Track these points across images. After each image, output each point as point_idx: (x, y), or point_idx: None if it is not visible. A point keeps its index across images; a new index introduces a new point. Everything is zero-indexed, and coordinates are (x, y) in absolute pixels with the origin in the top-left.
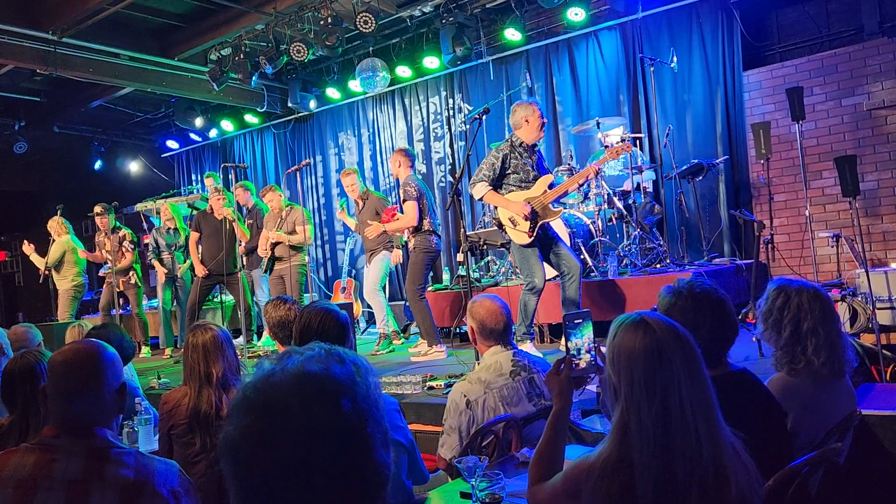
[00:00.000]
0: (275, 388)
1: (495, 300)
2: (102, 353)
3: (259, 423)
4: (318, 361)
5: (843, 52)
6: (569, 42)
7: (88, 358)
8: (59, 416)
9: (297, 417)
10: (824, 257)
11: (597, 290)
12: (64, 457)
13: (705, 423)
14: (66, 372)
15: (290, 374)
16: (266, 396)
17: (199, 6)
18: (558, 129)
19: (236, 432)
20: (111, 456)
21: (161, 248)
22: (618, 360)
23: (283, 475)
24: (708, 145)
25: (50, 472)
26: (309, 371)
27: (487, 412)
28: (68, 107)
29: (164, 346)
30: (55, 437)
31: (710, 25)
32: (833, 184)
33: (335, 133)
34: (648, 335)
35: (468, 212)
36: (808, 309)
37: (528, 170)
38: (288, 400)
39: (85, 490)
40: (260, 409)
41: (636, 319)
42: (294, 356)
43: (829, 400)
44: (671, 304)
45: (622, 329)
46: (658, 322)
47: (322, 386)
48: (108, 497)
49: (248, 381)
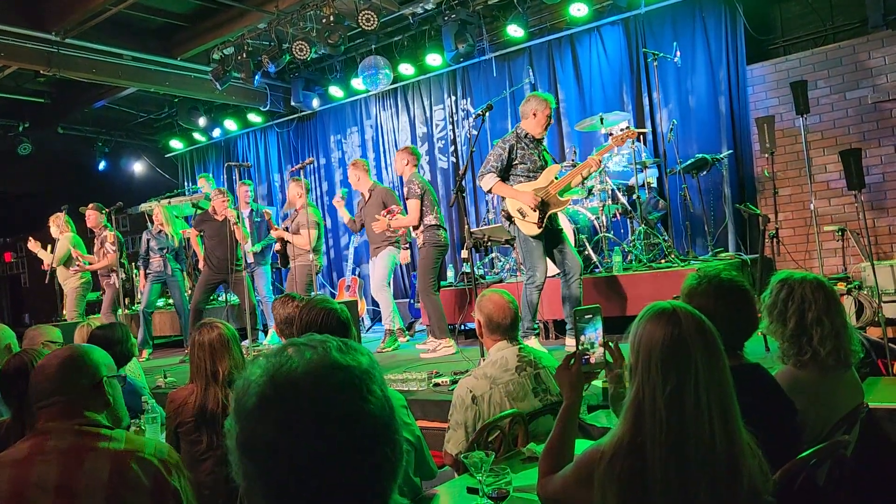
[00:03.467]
0: (304, 379)
1: (503, 295)
2: (83, 355)
3: (293, 415)
4: (341, 351)
5: (848, 44)
6: (571, 38)
7: (67, 358)
8: (43, 408)
9: (331, 407)
10: (830, 251)
11: (601, 286)
12: (56, 435)
13: (721, 417)
14: (44, 369)
15: (315, 364)
16: (296, 388)
17: (201, 5)
18: (562, 125)
19: (268, 426)
20: (101, 433)
21: (152, 251)
22: (638, 342)
23: (321, 464)
24: (712, 140)
25: (43, 448)
26: (335, 361)
27: (493, 407)
28: (72, 108)
29: (142, 348)
30: (45, 422)
31: (714, 19)
32: (838, 177)
33: (338, 131)
34: (672, 322)
35: (472, 209)
36: (812, 299)
37: (535, 160)
38: (320, 390)
39: (78, 458)
40: (293, 401)
41: (665, 307)
42: (310, 347)
43: (836, 391)
44: (694, 288)
45: (650, 314)
46: (685, 312)
47: (350, 374)
48: (101, 463)
49: (260, 376)
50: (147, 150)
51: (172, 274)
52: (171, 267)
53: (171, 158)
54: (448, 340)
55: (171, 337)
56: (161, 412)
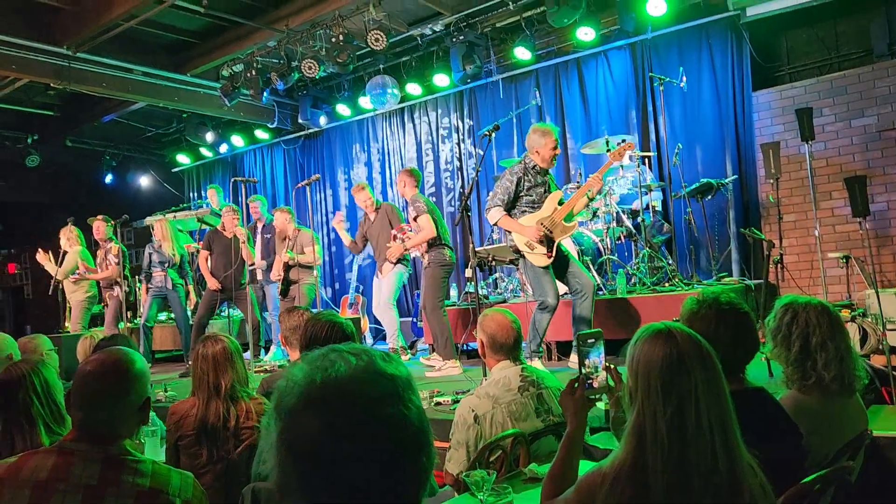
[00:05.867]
0: (349, 383)
1: (506, 314)
2: (131, 366)
3: (339, 415)
4: (384, 360)
5: (853, 73)
6: (578, 61)
7: (117, 369)
8: (81, 423)
9: (376, 411)
10: (834, 278)
11: (605, 309)
12: (81, 461)
13: (722, 437)
14: (92, 380)
15: (361, 370)
16: (342, 391)
17: (212, 23)
18: (567, 147)
19: (312, 425)
20: (127, 464)
21: (154, 265)
22: (637, 364)
23: (361, 464)
24: (717, 164)
25: (67, 476)
26: (380, 369)
27: (495, 427)
28: (81, 121)
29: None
30: (75, 441)
31: (720, 46)
32: (843, 204)
33: (345, 149)
34: (670, 343)
35: (477, 228)
36: (817, 323)
37: (540, 192)
38: (366, 395)
39: (100, 495)
40: (338, 402)
41: (660, 328)
42: (354, 354)
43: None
44: (694, 312)
45: (645, 336)
46: (681, 333)
47: (394, 383)
48: (122, 502)
49: (305, 377)
50: (154, 164)
51: (174, 288)
52: (173, 281)
53: (178, 173)
54: (455, 361)
55: (171, 351)
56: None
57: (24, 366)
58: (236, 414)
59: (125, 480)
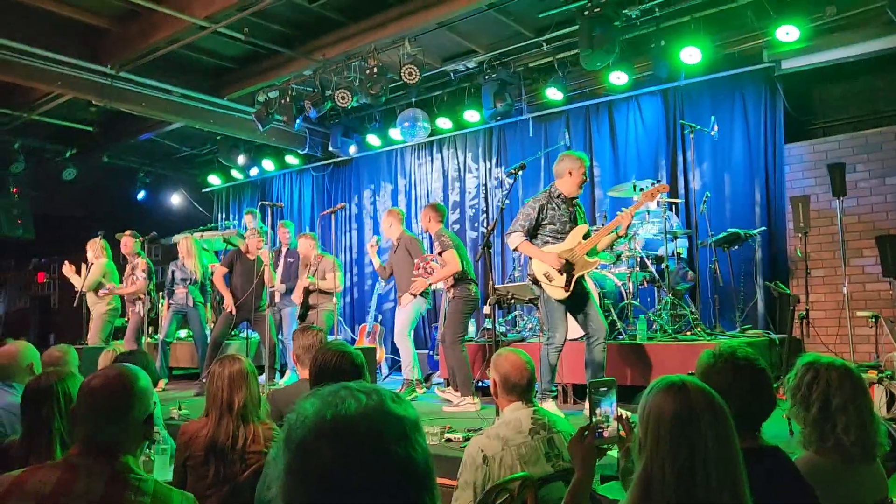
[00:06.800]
0: (360, 421)
1: (520, 355)
2: (135, 382)
3: (350, 449)
4: (393, 401)
5: (889, 130)
6: (609, 104)
7: (121, 385)
8: (85, 438)
9: (386, 449)
10: (862, 337)
11: (624, 353)
12: (85, 477)
13: (731, 493)
14: (97, 396)
15: (371, 409)
16: (353, 428)
17: (252, 50)
18: (594, 190)
19: (323, 455)
20: (130, 482)
21: (177, 282)
22: (647, 415)
23: (368, 497)
24: (745, 215)
25: (70, 491)
26: (390, 409)
27: (504, 469)
28: (119, 138)
29: (158, 379)
30: (79, 455)
31: (753, 96)
32: (874, 262)
33: (372, 179)
34: (682, 395)
35: (498, 265)
36: (838, 385)
37: (565, 221)
38: (376, 433)
39: None
40: (349, 437)
41: (674, 381)
42: (364, 392)
43: (858, 482)
44: (710, 366)
45: (658, 387)
46: (695, 386)
47: (402, 423)
48: None
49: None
50: (185, 183)
51: (194, 306)
52: (195, 300)
53: (208, 193)
54: (473, 398)
55: (189, 369)
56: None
57: (52, 377)
58: (245, 435)
59: (127, 499)
